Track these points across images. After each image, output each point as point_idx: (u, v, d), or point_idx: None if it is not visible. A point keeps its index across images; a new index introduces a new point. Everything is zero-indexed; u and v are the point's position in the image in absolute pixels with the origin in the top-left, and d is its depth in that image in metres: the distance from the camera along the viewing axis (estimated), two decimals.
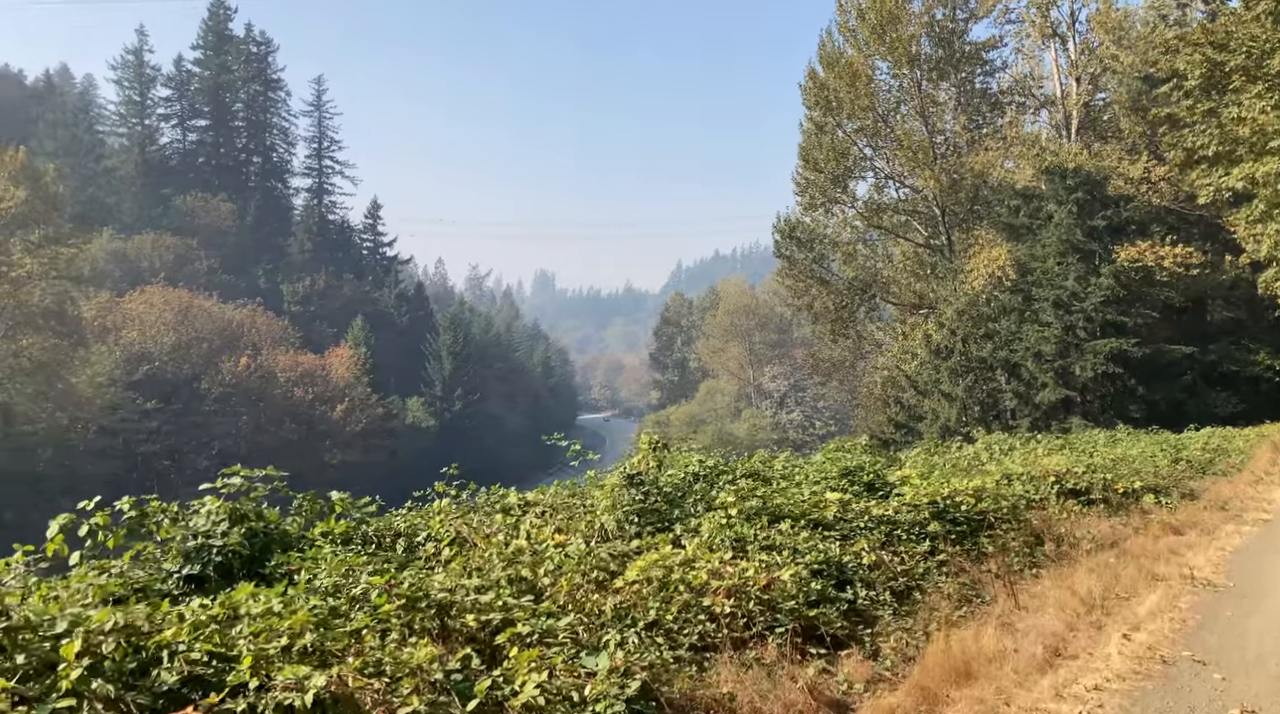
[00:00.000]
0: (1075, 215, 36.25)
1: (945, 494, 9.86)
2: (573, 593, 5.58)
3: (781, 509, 8.15)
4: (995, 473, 12.68)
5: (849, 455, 13.04)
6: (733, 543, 7.08)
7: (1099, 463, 14.55)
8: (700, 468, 10.09)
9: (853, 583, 7.09)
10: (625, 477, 8.14)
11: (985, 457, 15.83)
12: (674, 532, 7.27)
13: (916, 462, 15.01)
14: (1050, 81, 45.43)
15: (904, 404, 41.09)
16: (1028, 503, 11.62)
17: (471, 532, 6.57)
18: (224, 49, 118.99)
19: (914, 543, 8.43)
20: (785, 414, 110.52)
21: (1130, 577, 8.34)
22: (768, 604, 6.04)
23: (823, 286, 46.04)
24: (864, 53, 45.09)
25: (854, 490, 10.13)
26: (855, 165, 46.23)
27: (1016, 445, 17.22)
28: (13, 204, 59.89)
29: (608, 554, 6.32)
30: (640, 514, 7.77)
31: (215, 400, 77.18)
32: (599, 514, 7.51)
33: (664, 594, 5.74)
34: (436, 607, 4.80)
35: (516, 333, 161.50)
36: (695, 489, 8.97)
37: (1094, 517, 11.65)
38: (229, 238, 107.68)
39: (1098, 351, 33.83)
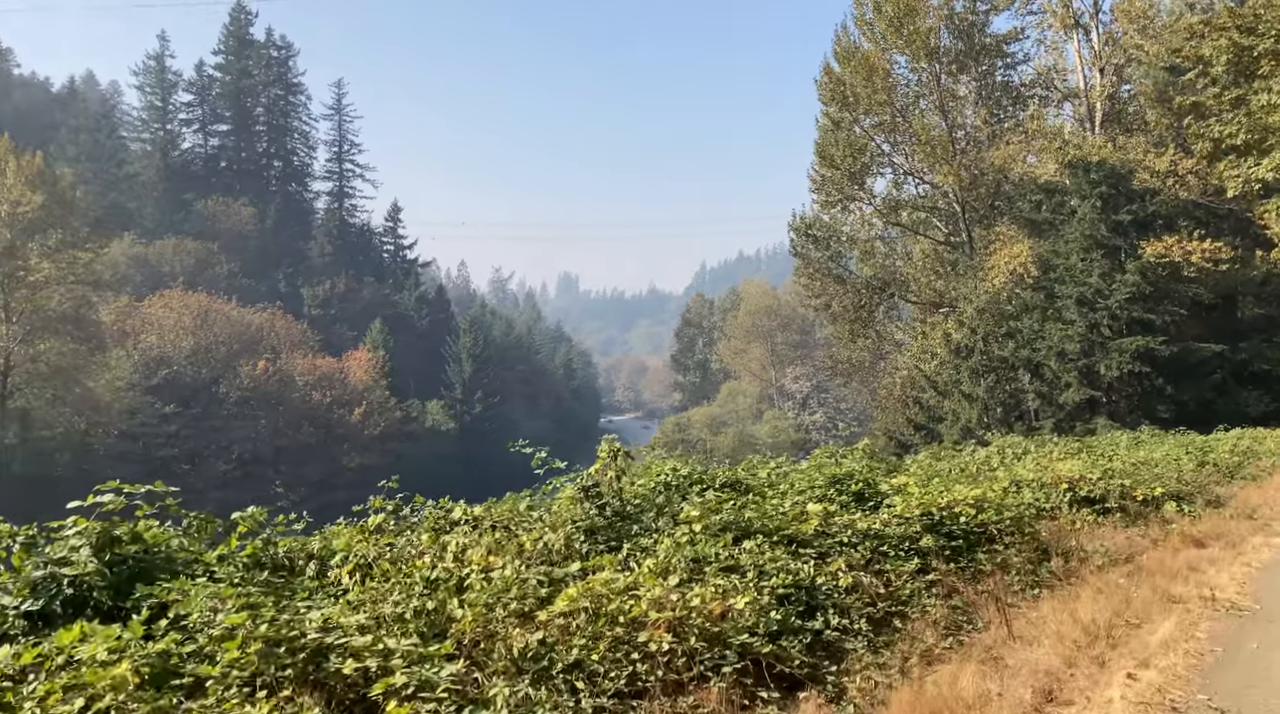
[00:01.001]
0: (1099, 210, 35.17)
1: (943, 505, 9.05)
2: (485, 628, 4.85)
3: (752, 524, 7.38)
4: (1003, 479, 11.82)
5: (844, 461, 12.22)
6: (690, 564, 6.33)
7: (1118, 467, 13.64)
8: (672, 476, 9.33)
9: (824, 609, 6.31)
10: (581, 488, 7.41)
11: (996, 461, 14.95)
12: (621, 552, 6.49)
13: (921, 467, 14.16)
14: (1073, 74, 44.31)
15: (923, 405, 40.12)
16: (1037, 512, 10.77)
17: (383, 555, 5.86)
18: (245, 54, 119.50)
19: (901, 560, 7.62)
20: (808, 415, 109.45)
21: (1143, 599, 7.49)
22: (716, 638, 5.30)
23: (840, 285, 45.10)
24: (881, 46, 44.16)
25: (841, 501, 9.34)
26: (873, 161, 45.28)
27: (1031, 449, 16.30)
28: (30, 209, 59.95)
29: (539, 579, 5.58)
30: (594, 531, 7.03)
31: (234, 404, 77.21)
32: (545, 531, 6.78)
33: (592, 628, 5.01)
34: (309, 651, 4.08)
35: (538, 335, 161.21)
36: (658, 502, 8.20)
37: (1109, 527, 10.78)
38: (250, 242, 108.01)
39: (1123, 350, 32.73)
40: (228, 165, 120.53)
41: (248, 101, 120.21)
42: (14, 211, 59.49)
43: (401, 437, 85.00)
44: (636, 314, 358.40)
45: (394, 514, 7.63)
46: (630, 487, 8.89)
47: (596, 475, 7.75)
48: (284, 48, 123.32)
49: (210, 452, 75.36)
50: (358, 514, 7.77)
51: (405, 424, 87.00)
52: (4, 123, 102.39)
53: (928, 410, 39.82)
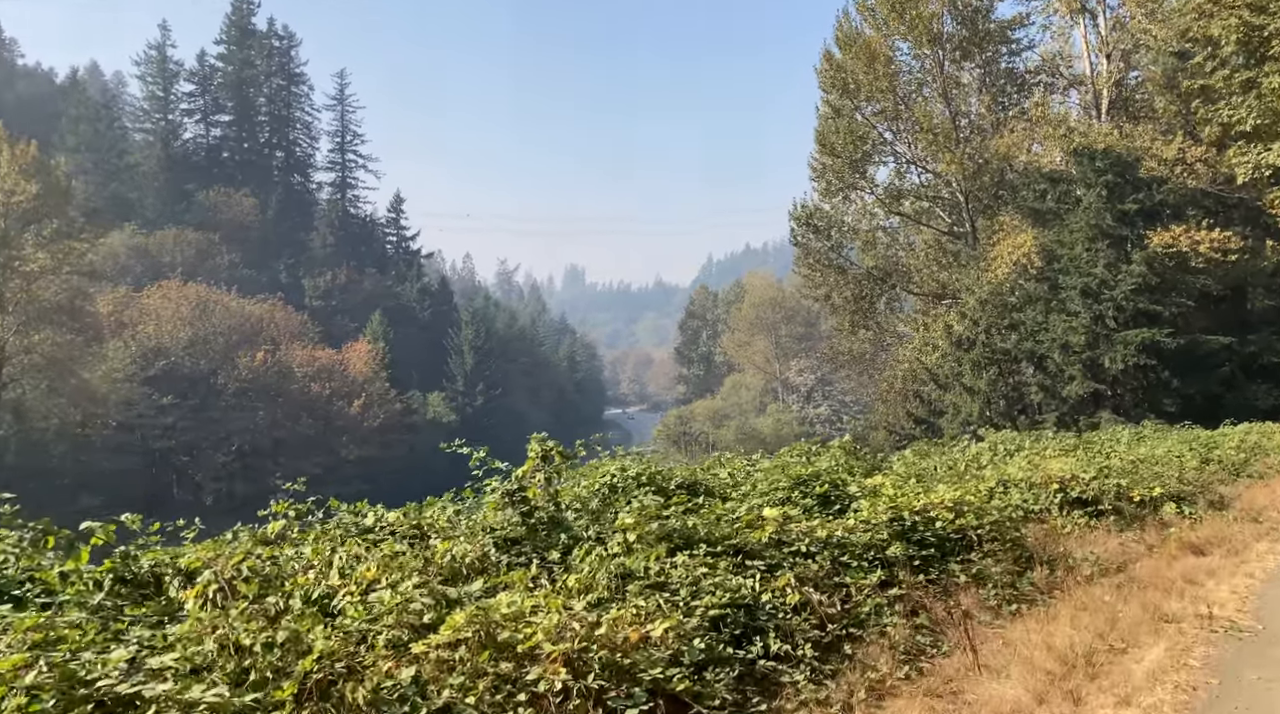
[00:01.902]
0: (1105, 199, 34.26)
1: (917, 508, 8.29)
2: (349, 662, 4.12)
3: (696, 532, 6.63)
4: (990, 479, 11.04)
5: (816, 459, 11.44)
6: (616, 580, 5.60)
7: (1115, 465, 12.83)
8: (619, 477, 8.56)
9: (765, 633, 5.58)
10: (504, 493, 6.67)
11: (987, 458, 14.14)
12: (531, 569, 5.73)
13: (906, 464, 13.36)
14: (1079, 60, 43.31)
15: (924, 398, 39.32)
16: (1024, 515, 10.02)
17: (239, 572, 5.12)
18: (247, 43, 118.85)
19: (862, 573, 6.87)
20: (812, 408, 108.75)
21: (1131, 618, 6.73)
22: (625, 673, 4.57)
23: (841, 275, 44.24)
24: (883, 32, 43.26)
25: (805, 504, 8.58)
26: (874, 150, 44.40)
27: (1025, 445, 15.49)
28: (24, 198, 59.39)
29: (429, 601, 4.84)
30: (515, 541, 6.31)
31: (232, 395, 76.72)
32: (456, 543, 6.05)
33: (474, 664, 4.28)
34: (94, 703, 3.35)
35: (542, 327, 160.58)
36: (592, 508, 7.43)
37: (1102, 532, 10.00)
38: (251, 233, 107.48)
39: (1128, 342, 31.86)
40: (230, 156, 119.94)
41: (249, 92, 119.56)
42: (8, 201, 58.93)
43: (401, 429, 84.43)
44: (643, 307, 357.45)
45: (300, 519, 6.89)
46: (572, 489, 8.16)
47: (523, 477, 7.00)
48: (286, 38, 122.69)
49: (208, 443, 74.89)
50: (263, 519, 7.02)
51: (405, 416, 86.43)
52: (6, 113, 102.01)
53: (928, 404, 39.05)
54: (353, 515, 6.98)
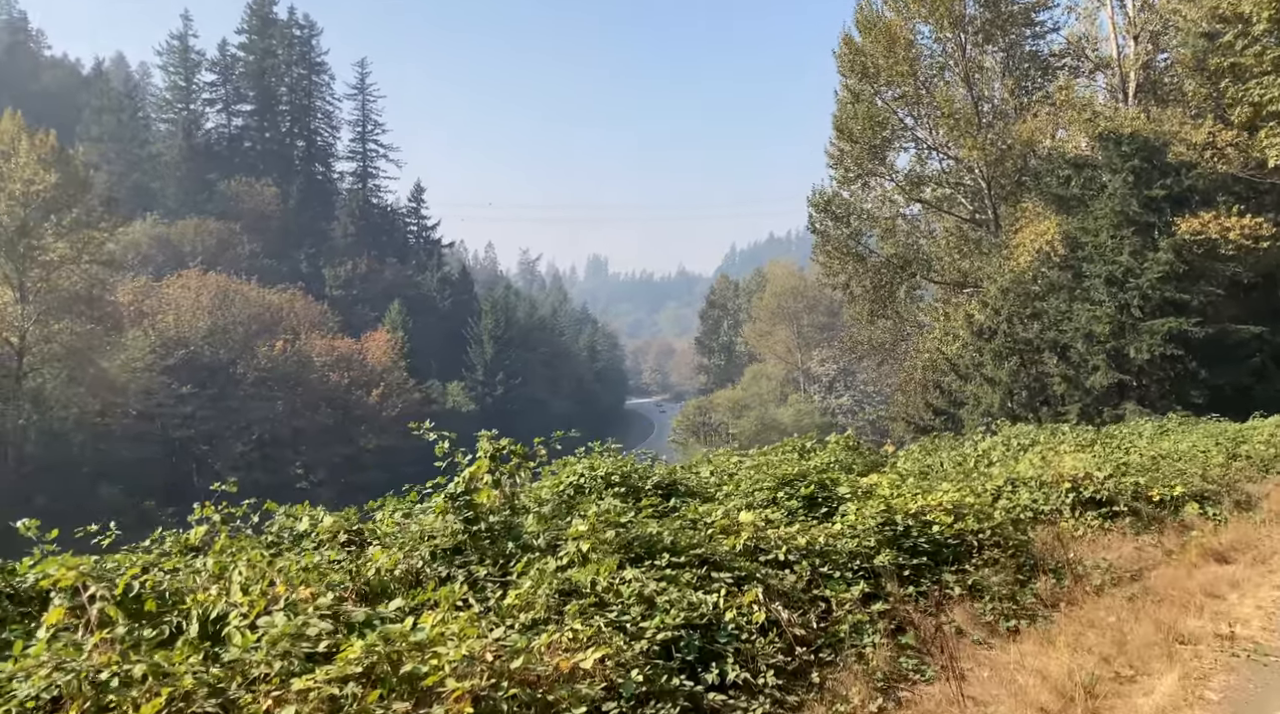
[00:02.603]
0: (1131, 185, 33.27)
1: (913, 510, 7.65)
2: (220, 703, 3.55)
3: (660, 540, 6.02)
4: (998, 477, 10.36)
5: (812, 455, 10.78)
6: (557, 598, 5.01)
7: (1134, 462, 12.08)
8: (587, 477, 7.94)
9: (723, 659, 4.97)
10: (448, 496, 6.09)
11: (998, 454, 13.41)
12: (458, 585, 5.10)
13: (911, 460, 12.65)
14: (1105, 42, 42.17)
15: (944, 389, 38.49)
16: (1034, 516, 9.34)
17: (132, 589, 4.54)
18: (268, 33, 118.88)
19: (844, 585, 6.25)
20: (834, 399, 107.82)
21: (1142, 639, 6.06)
22: (546, 710, 4.00)
23: (860, 263, 43.39)
24: (903, 15, 42.27)
25: (789, 506, 7.95)
26: (894, 136, 43.45)
27: (1040, 439, 14.72)
28: (43, 188, 59.48)
29: (323, 628, 4.26)
30: (459, 550, 5.72)
31: (251, 385, 76.77)
32: (388, 555, 5.48)
33: (359, 706, 3.71)
34: None
35: (563, 317, 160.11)
36: (543, 513, 6.80)
37: (1116, 535, 9.31)
38: (272, 222, 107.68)
39: (1154, 332, 30.92)
40: (251, 145, 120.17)
41: (271, 81, 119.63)
42: (27, 190, 59.02)
43: (420, 418, 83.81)
44: (665, 296, 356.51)
45: (227, 524, 6.33)
46: (535, 491, 7.57)
47: (471, 479, 6.42)
48: (307, 27, 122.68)
49: (228, 433, 74.98)
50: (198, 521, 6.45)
51: (424, 406, 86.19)
52: (32, 103, 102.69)
53: (949, 395, 38.22)
54: (290, 520, 6.43)
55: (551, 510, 6.86)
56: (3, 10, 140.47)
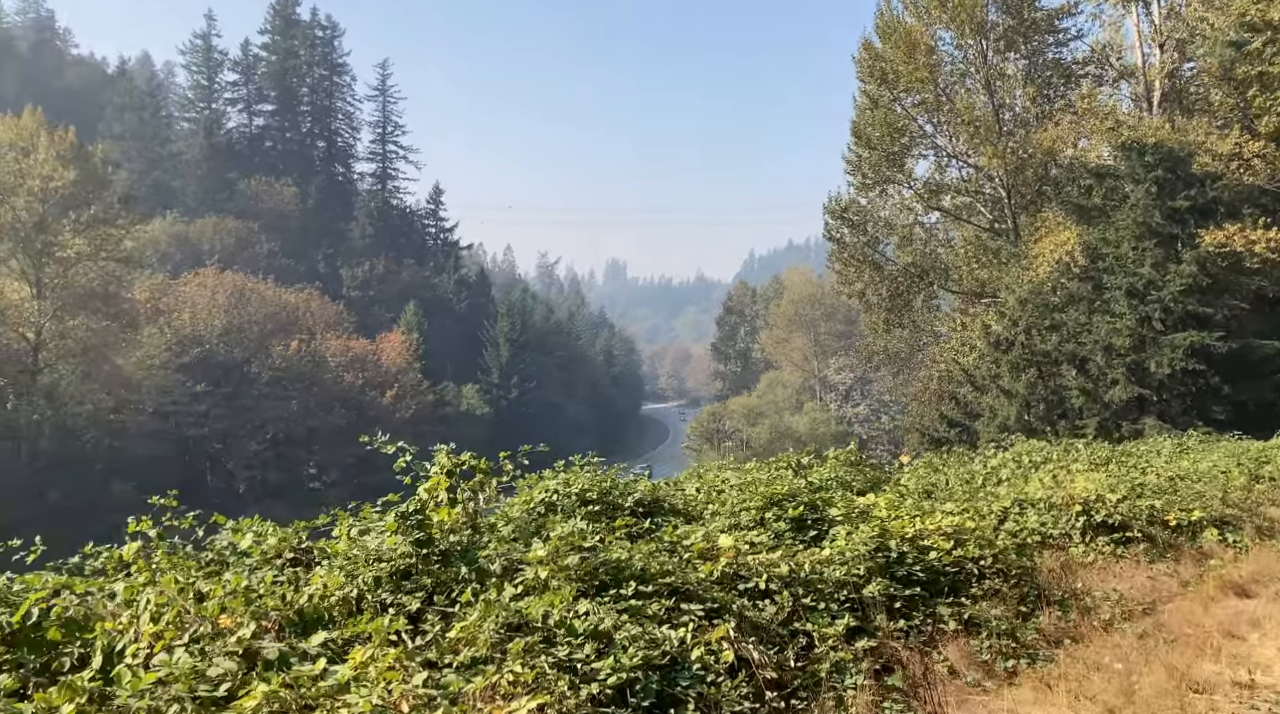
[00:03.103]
0: (1154, 195, 32.59)
1: (909, 534, 7.18)
2: None
3: (629, 567, 5.55)
4: (1005, 497, 9.85)
5: (810, 471, 10.27)
6: (504, 633, 4.55)
7: (1150, 483, 11.52)
8: (558, 495, 7.47)
9: (683, 704, 4.51)
10: (399, 515, 5.65)
11: (1008, 471, 12.85)
12: (385, 620, 4.64)
13: (914, 478, 12.10)
14: (1130, 50, 41.45)
15: (960, 400, 37.87)
16: (1042, 540, 8.84)
17: (31, 616, 4.11)
18: (290, 33, 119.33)
19: (827, 619, 5.78)
20: (851, 408, 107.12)
21: (1152, 686, 5.53)
22: None
23: (876, 272, 42.83)
24: (924, 21, 41.76)
25: (776, 529, 7.46)
26: (913, 143, 42.91)
27: (1053, 456, 14.15)
28: (61, 184, 59.69)
29: (228, 668, 3.83)
30: (409, 574, 5.28)
31: (266, 384, 76.81)
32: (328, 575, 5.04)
33: None
34: None
35: (581, 321, 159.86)
36: (501, 536, 6.31)
37: (1129, 562, 8.79)
38: (291, 222, 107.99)
39: (1176, 346, 30.21)
40: (272, 145, 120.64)
41: (292, 81, 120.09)
42: (45, 187, 59.24)
43: (434, 420, 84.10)
44: (683, 302, 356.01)
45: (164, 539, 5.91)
46: (505, 510, 7.13)
47: (425, 496, 5.98)
48: (329, 28, 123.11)
49: (242, 431, 75.04)
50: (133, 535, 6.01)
51: (438, 407, 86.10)
52: (56, 101, 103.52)
53: (964, 406, 37.60)
54: (235, 534, 6.01)
55: (513, 531, 6.42)
56: (30, 8, 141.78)
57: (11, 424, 57.07)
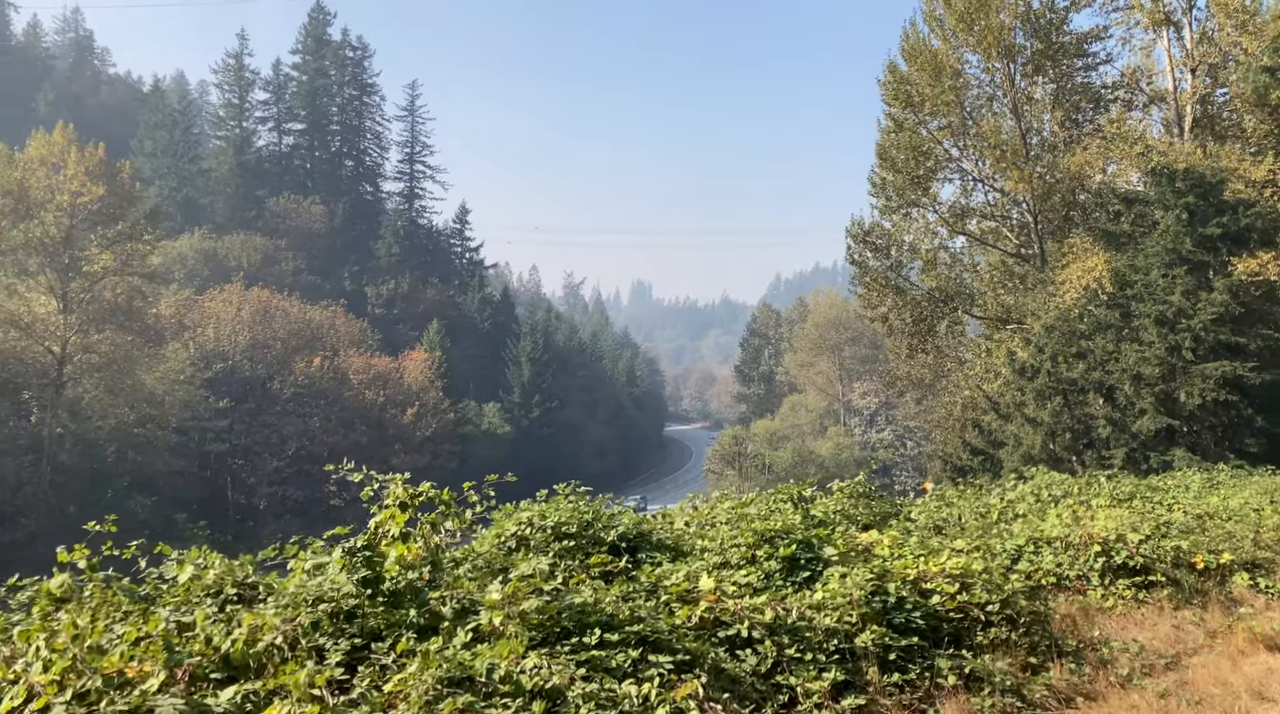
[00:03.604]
0: (1185, 222, 31.86)
1: (911, 577, 6.67)
2: None
3: (596, 613, 5.07)
4: (1019, 535, 9.30)
5: (814, 505, 9.72)
6: (443, 688, 4.09)
7: (1176, 521, 10.91)
8: (530, 528, 6.98)
9: None
10: (345, 551, 5.20)
11: (1025, 505, 12.21)
12: (302, 670, 4.17)
13: (924, 512, 11.48)
14: (1160, 75, 40.76)
15: (983, 428, 37.13)
16: (1058, 582, 8.29)
17: None
18: (321, 53, 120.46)
19: (813, 672, 5.29)
20: (875, 433, 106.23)
21: None
22: None
23: (899, 296, 42.23)
24: (950, 44, 41.29)
25: (766, 569, 6.95)
26: (938, 166, 42.35)
27: (1074, 490, 13.49)
28: (90, 199, 60.24)
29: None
30: (350, 618, 4.83)
31: (288, 401, 76.93)
32: (261, 616, 4.61)
33: None
34: None
35: (605, 341, 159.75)
36: (459, 575, 5.83)
37: (1152, 609, 8.22)
38: (318, 240, 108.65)
39: (1207, 376, 29.42)
40: (301, 163, 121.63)
41: (322, 101, 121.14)
42: (74, 202, 59.79)
43: (454, 439, 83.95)
44: (708, 324, 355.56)
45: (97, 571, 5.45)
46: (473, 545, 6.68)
47: (376, 531, 5.55)
48: (360, 48, 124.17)
49: (262, 448, 75.12)
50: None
51: (459, 426, 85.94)
52: (92, 118, 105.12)
53: (988, 434, 36.85)
54: (180, 567, 5.60)
55: (479, 569, 5.96)
56: (69, 28, 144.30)
57: (34, 437, 57.34)
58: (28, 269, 59.17)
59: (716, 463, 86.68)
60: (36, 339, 58.37)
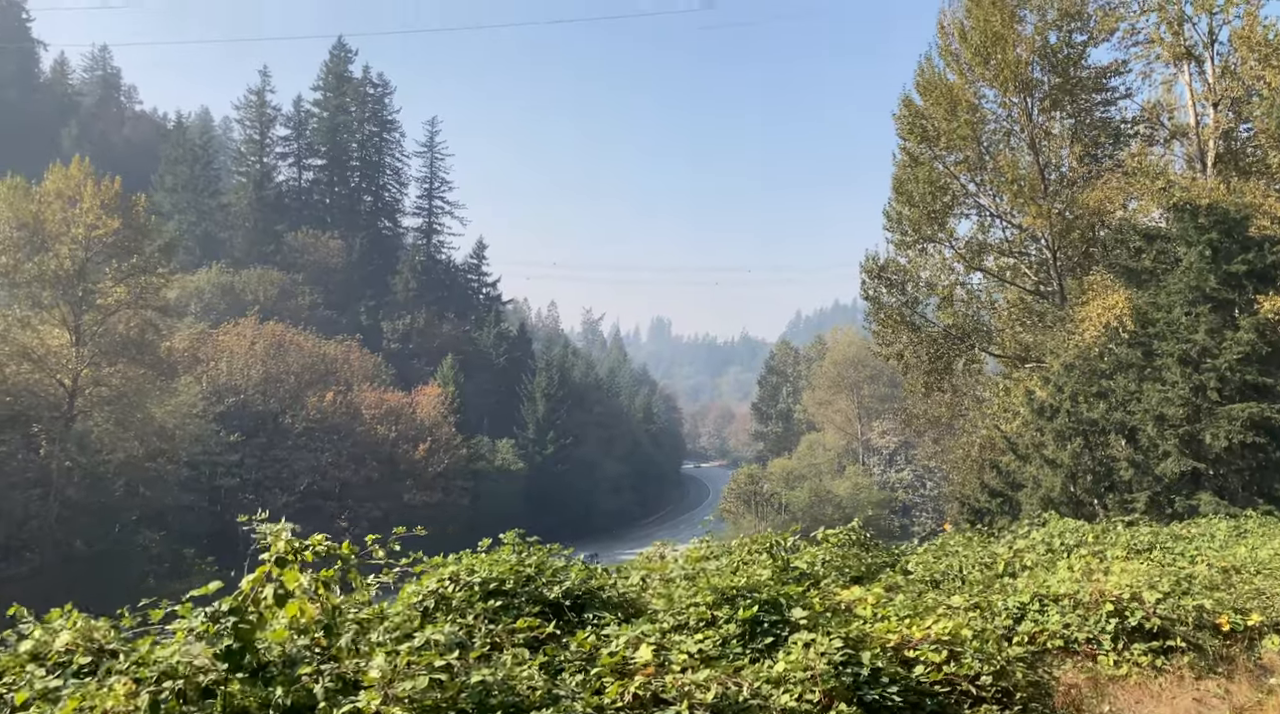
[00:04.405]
0: (1208, 259, 30.97)
1: (892, 644, 5.85)
2: None
3: (498, 694, 4.25)
4: (1024, 592, 8.41)
5: (796, 555, 8.82)
6: None
7: (1200, 575, 10.01)
8: (453, 585, 6.10)
9: None
10: (210, 617, 4.43)
11: (1035, 555, 11.23)
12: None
13: (922, 563, 10.49)
14: (1181, 110, 39.98)
15: (1001, 469, 36.07)
16: (1065, 646, 7.43)
17: None
18: (342, 90, 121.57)
19: None
20: (895, 473, 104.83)
21: None
22: None
23: (914, 333, 41.33)
24: (967, 79, 40.71)
25: (727, 630, 6.09)
26: (955, 202, 41.61)
27: (1089, 539, 12.50)
28: (104, 232, 60.37)
29: None
30: (208, 695, 4.06)
31: (299, 435, 76.53)
32: (94, 696, 3.87)
33: None
34: None
35: (622, 377, 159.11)
36: (342, 645, 5.01)
37: (1171, 679, 7.32)
38: (336, 274, 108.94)
39: (1234, 417, 28.38)
40: (320, 198, 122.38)
41: (343, 137, 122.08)
42: (88, 235, 59.90)
43: (467, 475, 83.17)
44: (727, 361, 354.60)
45: None
46: (387, 606, 5.86)
47: (247, 594, 4.76)
48: (380, 85, 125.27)
49: (273, 483, 74.63)
50: None
51: (472, 462, 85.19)
52: (116, 154, 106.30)
53: (1006, 476, 35.78)
54: (35, 629, 4.86)
55: (382, 636, 5.14)
56: (98, 67, 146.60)
57: (43, 470, 57.01)
58: (41, 302, 59.15)
59: (733, 502, 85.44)
60: (48, 372, 58.24)
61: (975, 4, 39.71)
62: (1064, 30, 40.20)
